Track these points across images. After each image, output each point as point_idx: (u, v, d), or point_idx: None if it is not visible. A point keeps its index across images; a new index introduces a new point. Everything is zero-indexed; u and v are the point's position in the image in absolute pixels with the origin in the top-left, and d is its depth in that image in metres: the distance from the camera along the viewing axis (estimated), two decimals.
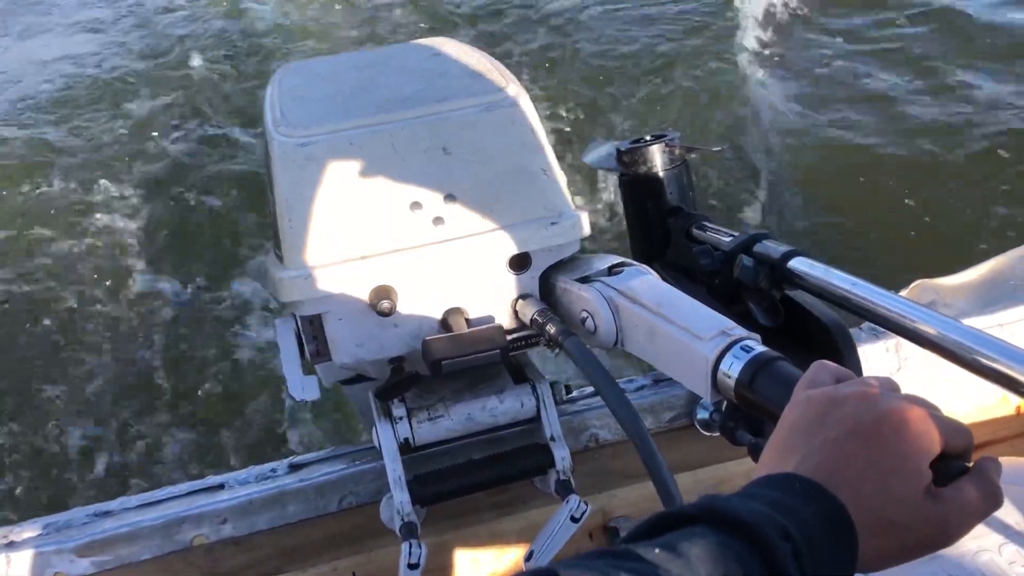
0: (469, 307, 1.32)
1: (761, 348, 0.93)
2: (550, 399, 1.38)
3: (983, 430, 1.63)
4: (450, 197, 1.29)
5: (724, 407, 1.37)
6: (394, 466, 1.33)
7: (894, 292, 1.02)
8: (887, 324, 0.99)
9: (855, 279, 1.06)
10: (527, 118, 1.33)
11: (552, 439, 1.37)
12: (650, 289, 1.18)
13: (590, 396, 1.61)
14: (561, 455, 1.36)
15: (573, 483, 1.36)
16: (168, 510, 1.44)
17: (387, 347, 1.32)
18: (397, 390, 1.32)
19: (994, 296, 1.74)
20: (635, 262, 1.29)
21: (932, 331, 0.90)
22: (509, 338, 1.32)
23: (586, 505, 1.31)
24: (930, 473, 0.63)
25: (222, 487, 1.48)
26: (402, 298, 1.28)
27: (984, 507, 0.64)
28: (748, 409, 0.91)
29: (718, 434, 1.54)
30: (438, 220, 1.28)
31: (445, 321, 1.31)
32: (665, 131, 1.50)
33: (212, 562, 1.43)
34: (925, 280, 1.81)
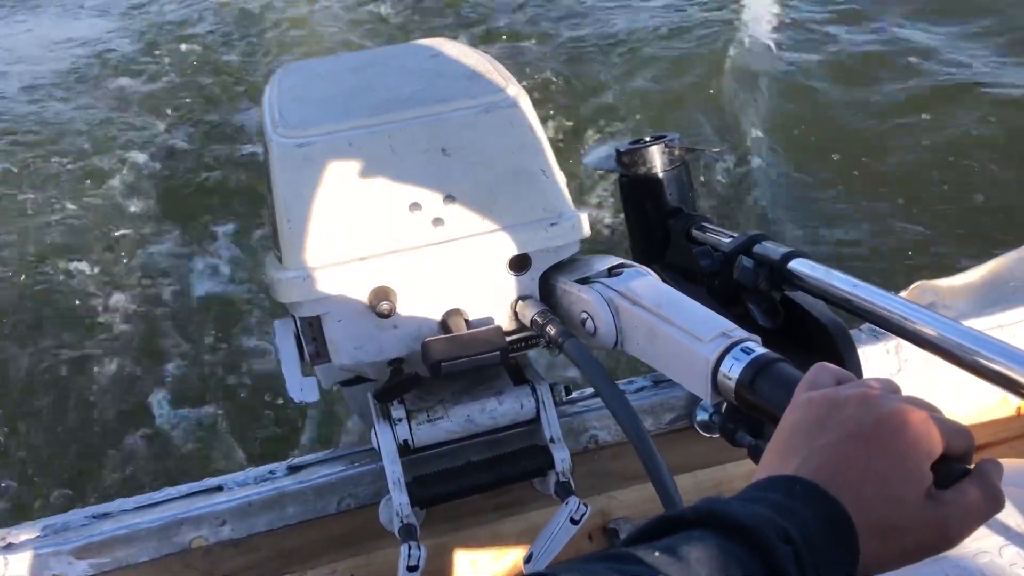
0: (469, 308, 1.32)
1: (761, 350, 0.93)
2: (550, 400, 1.38)
3: (983, 432, 1.62)
4: (449, 198, 1.28)
5: (724, 409, 1.36)
6: (393, 468, 1.32)
7: (894, 293, 1.02)
8: (887, 325, 0.99)
9: (855, 280, 1.06)
10: (526, 119, 1.33)
11: (552, 440, 1.37)
12: (650, 290, 1.17)
13: (590, 397, 1.61)
14: (561, 456, 1.36)
15: (573, 484, 1.35)
16: (166, 512, 1.44)
17: (386, 348, 1.32)
18: (396, 392, 1.32)
19: (994, 297, 1.74)
20: (635, 263, 1.29)
21: (932, 332, 0.90)
22: (509, 339, 1.32)
23: (586, 507, 1.30)
24: (931, 475, 0.63)
25: (220, 489, 1.48)
26: (401, 299, 1.28)
27: (985, 509, 0.64)
28: (748, 411, 0.91)
29: (718, 436, 1.54)
30: (437, 221, 1.28)
31: (444, 322, 1.30)
32: (665, 132, 1.50)
33: (210, 564, 1.43)
34: (925, 281, 1.81)
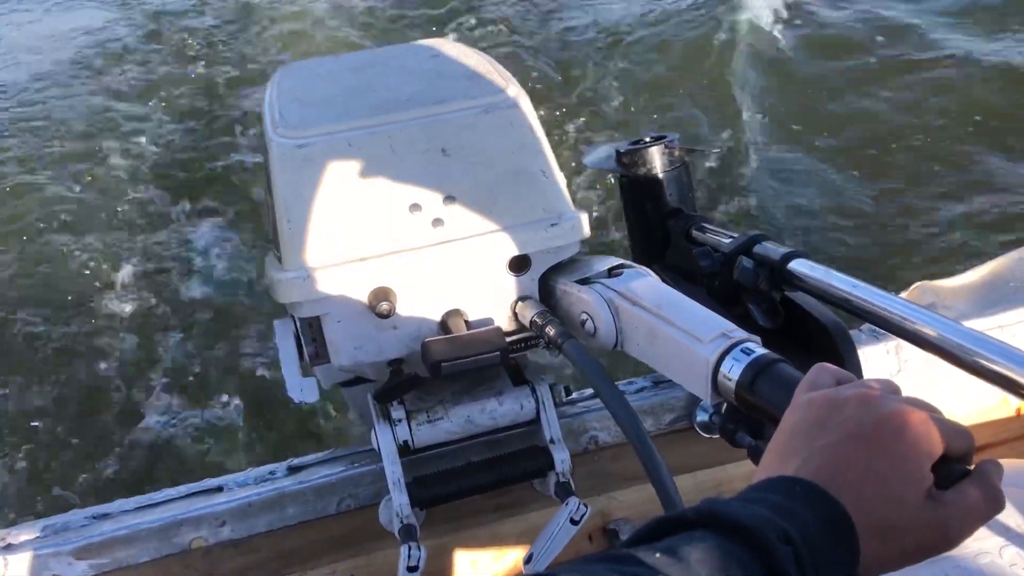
0: (468, 309, 1.32)
1: (762, 350, 0.93)
2: (550, 401, 1.38)
3: (983, 432, 1.62)
4: (449, 199, 1.28)
5: (724, 409, 1.36)
6: (393, 468, 1.32)
7: (894, 294, 1.02)
8: (887, 326, 0.98)
9: (855, 281, 1.05)
10: (526, 119, 1.33)
11: (552, 441, 1.37)
12: (650, 291, 1.17)
13: (590, 398, 1.60)
14: (561, 457, 1.36)
15: (572, 485, 1.35)
16: (166, 512, 1.44)
17: (386, 349, 1.32)
18: (396, 392, 1.32)
19: (994, 298, 1.74)
20: (635, 264, 1.29)
21: (932, 333, 0.90)
22: (508, 340, 1.32)
23: (586, 507, 1.30)
24: (931, 476, 0.63)
25: (220, 489, 1.48)
26: (401, 300, 1.28)
27: (986, 510, 0.64)
28: (748, 411, 0.91)
29: (718, 436, 1.54)
30: (437, 222, 1.28)
31: (444, 323, 1.30)
32: (664, 132, 1.50)
33: (210, 564, 1.43)
34: (925, 282, 1.81)
